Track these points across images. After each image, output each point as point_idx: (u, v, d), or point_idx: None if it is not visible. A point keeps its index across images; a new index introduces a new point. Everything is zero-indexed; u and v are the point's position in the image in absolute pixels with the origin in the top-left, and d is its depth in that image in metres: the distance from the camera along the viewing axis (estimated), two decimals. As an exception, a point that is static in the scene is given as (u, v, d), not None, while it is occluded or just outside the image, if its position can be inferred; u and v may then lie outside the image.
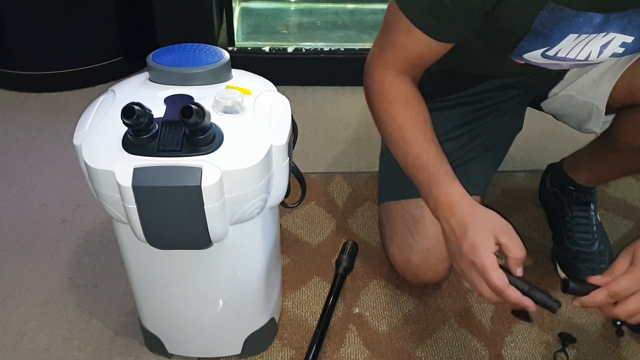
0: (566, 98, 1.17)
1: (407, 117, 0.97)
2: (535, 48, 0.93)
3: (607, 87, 1.10)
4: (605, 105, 1.12)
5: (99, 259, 1.28)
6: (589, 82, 1.13)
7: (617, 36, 0.90)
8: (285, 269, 1.24)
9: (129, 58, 1.86)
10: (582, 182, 1.28)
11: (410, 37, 0.93)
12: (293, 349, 1.10)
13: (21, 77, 1.80)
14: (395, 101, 0.98)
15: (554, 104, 1.21)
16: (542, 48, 0.93)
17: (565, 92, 1.17)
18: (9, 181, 1.48)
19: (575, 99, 1.16)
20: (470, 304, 1.19)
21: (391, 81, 0.98)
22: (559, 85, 1.18)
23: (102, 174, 0.79)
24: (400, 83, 0.98)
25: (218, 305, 0.99)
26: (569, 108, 1.18)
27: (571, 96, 1.16)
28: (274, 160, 0.86)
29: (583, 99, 1.14)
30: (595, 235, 1.25)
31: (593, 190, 1.29)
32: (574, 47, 0.92)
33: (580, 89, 1.15)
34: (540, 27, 0.88)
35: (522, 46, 0.93)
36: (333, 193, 1.45)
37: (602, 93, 1.11)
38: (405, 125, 0.97)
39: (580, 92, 1.15)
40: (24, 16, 1.69)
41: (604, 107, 1.12)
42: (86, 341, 1.12)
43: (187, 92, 0.88)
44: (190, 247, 0.88)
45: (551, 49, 0.93)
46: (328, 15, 2.05)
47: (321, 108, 1.77)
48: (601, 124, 1.15)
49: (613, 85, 1.09)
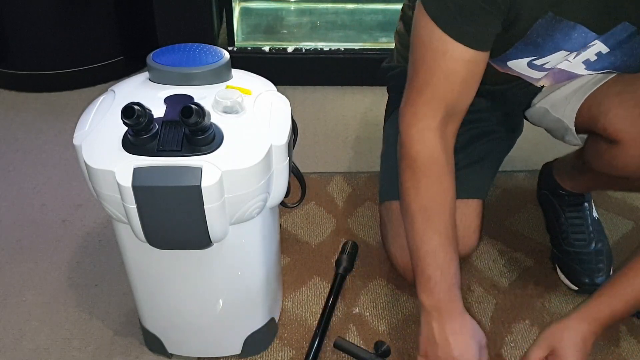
0: (542, 111, 1.15)
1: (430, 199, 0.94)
2: (523, 56, 0.93)
3: (575, 107, 1.07)
4: (573, 124, 1.09)
5: (99, 259, 1.28)
6: (561, 98, 1.10)
7: (597, 44, 0.90)
8: (285, 269, 1.24)
9: (129, 58, 1.85)
10: (569, 188, 1.27)
11: (447, 59, 0.87)
12: (293, 349, 1.10)
13: (21, 77, 1.80)
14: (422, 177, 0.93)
15: (534, 115, 1.20)
16: (530, 57, 0.93)
17: (541, 105, 1.15)
18: (9, 181, 1.48)
19: (549, 114, 1.13)
20: (470, 304, 1.19)
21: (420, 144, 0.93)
22: (538, 96, 1.17)
23: (102, 174, 0.79)
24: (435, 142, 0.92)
25: (218, 305, 0.99)
26: (546, 122, 1.17)
27: (546, 110, 1.14)
28: (274, 160, 0.86)
29: (555, 116, 1.12)
30: (591, 235, 1.25)
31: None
32: (561, 62, 0.92)
33: (554, 103, 1.13)
34: (535, 36, 0.88)
35: (512, 52, 0.93)
36: (333, 193, 1.45)
37: (570, 112, 1.08)
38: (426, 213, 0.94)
39: (553, 107, 1.13)
40: (23, 16, 1.69)
41: (573, 126, 1.09)
42: (86, 341, 1.12)
43: (187, 92, 0.88)
44: (190, 247, 0.88)
45: (539, 59, 0.92)
46: (328, 15, 2.05)
47: (321, 108, 1.77)
48: (579, 138, 1.12)
49: (579, 106, 1.06)
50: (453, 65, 0.88)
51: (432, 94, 0.91)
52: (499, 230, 1.35)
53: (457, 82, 0.90)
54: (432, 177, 0.94)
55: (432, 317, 0.94)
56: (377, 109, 1.75)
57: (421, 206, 0.94)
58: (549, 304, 1.20)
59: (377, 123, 1.67)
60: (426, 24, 0.87)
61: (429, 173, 0.94)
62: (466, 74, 0.90)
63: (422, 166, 0.94)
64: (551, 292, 1.22)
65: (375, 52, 1.83)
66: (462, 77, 0.90)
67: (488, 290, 1.22)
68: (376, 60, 1.40)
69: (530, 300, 1.20)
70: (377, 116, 1.70)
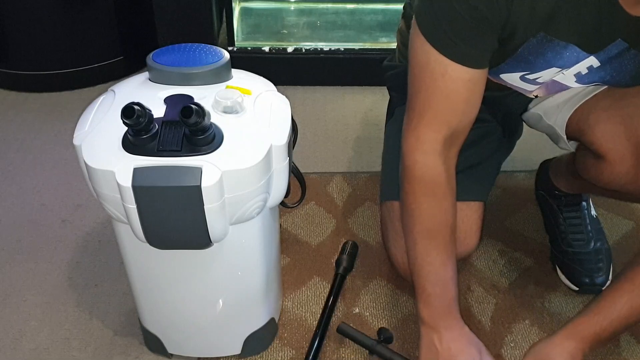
0: (537, 116, 1.15)
1: (432, 219, 0.94)
2: (515, 71, 0.93)
3: (565, 116, 1.07)
4: (564, 132, 1.09)
5: (98, 259, 1.28)
6: (553, 106, 1.10)
7: (590, 57, 0.90)
8: (285, 269, 1.24)
9: (129, 58, 1.86)
10: (564, 189, 1.27)
11: (447, 80, 0.87)
12: (293, 349, 1.10)
13: (21, 77, 1.80)
14: (425, 199, 0.94)
15: (530, 119, 1.20)
16: (522, 72, 0.92)
17: (535, 110, 1.15)
18: (9, 181, 1.48)
19: (543, 120, 1.13)
20: (470, 304, 1.19)
21: (424, 168, 0.93)
22: (533, 101, 1.17)
23: (102, 174, 0.79)
24: (437, 165, 0.93)
25: (218, 305, 0.99)
26: (540, 127, 1.17)
27: (540, 115, 1.14)
28: (274, 160, 0.86)
29: (548, 122, 1.12)
30: (590, 234, 1.25)
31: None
32: (554, 77, 0.92)
33: (547, 110, 1.12)
34: (526, 54, 0.88)
35: (503, 67, 0.93)
36: (333, 193, 1.45)
37: (561, 121, 1.08)
38: (429, 233, 0.95)
39: (546, 114, 1.12)
40: (23, 16, 1.69)
41: (564, 134, 1.09)
42: (86, 341, 1.12)
43: (187, 92, 0.88)
44: (190, 247, 0.88)
45: (531, 74, 0.92)
46: (328, 15, 2.05)
47: (321, 108, 1.77)
48: (571, 145, 1.12)
49: (569, 116, 1.06)
50: (453, 85, 0.87)
51: (434, 116, 0.91)
52: (499, 230, 1.35)
53: (458, 102, 0.90)
54: (435, 198, 0.95)
55: (433, 330, 0.95)
56: (377, 109, 1.75)
57: (424, 227, 0.95)
58: (549, 304, 1.20)
59: (377, 123, 1.67)
60: (422, 44, 0.87)
61: (432, 194, 0.95)
62: (467, 93, 0.89)
63: (425, 188, 0.94)
64: (551, 292, 1.22)
65: (375, 52, 1.83)
66: (463, 97, 0.89)
67: (488, 290, 1.22)
68: (376, 60, 1.40)
69: (530, 300, 1.20)
70: (377, 116, 1.70)
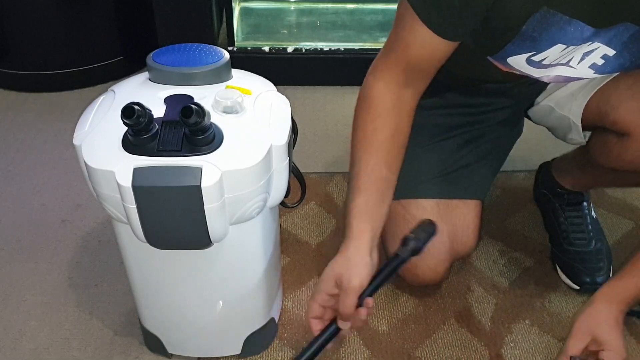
0: (547, 109, 1.16)
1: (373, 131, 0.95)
2: (521, 52, 0.93)
3: (582, 103, 1.08)
4: (580, 121, 1.10)
5: (98, 259, 1.28)
6: (567, 95, 1.11)
7: (601, 47, 0.91)
8: (285, 269, 1.24)
9: (129, 58, 1.86)
10: (569, 187, 1.27)
11: (413, 35, 0.91)
12: (293, 349, 1.10)
13: (21, 77, 1.80)
14: (372, 111, 0.96)
15: (538, 113, 1.20)
16: (528, 52, 0.93)
17: (546, 103, 1.16)
18: (9, 181, 1.48)
19: (554, 111, 1.14)
20: (470, 304, 1.19)
21: (379, 89, 0.96)
22: (542, 94, 1.17)
23: (102, 174, 0.79)
24: (388, 93, 0.96)
25: (218, 305, 0.99)
26: (550, 120, 1.17)
27: (551, 107, 1.14)
28: (274, 160, 0.86)
29: (561, 113, 1.13)
30: (590, 234, 1.25)
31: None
32: (559, 57, 0.92)
33: (559, 100, 1.13)
34: (530, 31, 0.88)
35: (509, 48, 0.93)
36: (333, 193, 1.45)
37: (577, 108, 1.09)
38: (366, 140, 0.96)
39: (559, 104, 1.13)
40: (24, 16, 1.69)
41: (580, 123, 1.10)
42: (86, 341, 1.11)
43: (187, 92, 0.88)
44: (190, 247, 0.88)
45: (537, 54, 0.93)
46: (328, 15, 2.05)
47: (321, 108, 1.77)
48: (583, 135, 1.13)
49: (586, 102, 1.07)
50: (415, 42, 0.91)
51: (394, 60, 0.95)
52: (499, 230, 1.35)
53: (418, 58, 0.93)
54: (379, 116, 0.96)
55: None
56: (377, 109, 1.75)
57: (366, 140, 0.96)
58: (549, 304, 1.20)
59: (377, 123, 1.67)
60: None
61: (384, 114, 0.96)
62: (427, 55, 0.93)
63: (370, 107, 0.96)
64: (551, 292, 1.22)
65: (375, 52, 1.81)
66: (422, 57, 0.93)
67: (488, 290, 1.22)
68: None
69: (530, 300, 1.20)
70: (377, 116, 1.70)
